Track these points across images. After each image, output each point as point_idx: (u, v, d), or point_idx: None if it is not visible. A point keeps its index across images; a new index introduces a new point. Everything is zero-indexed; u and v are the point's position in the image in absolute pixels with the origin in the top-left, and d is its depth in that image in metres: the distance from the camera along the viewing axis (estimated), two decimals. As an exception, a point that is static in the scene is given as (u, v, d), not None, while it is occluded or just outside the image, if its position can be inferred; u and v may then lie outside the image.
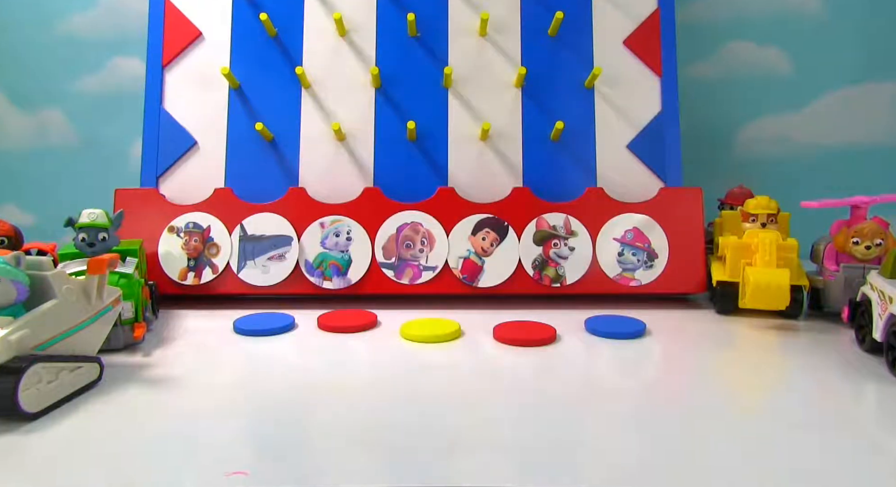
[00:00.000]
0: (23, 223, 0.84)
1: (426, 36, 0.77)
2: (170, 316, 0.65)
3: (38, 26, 0.94)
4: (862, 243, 0.61)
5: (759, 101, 0.97)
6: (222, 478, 0.33)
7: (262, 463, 0.34)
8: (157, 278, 0.68)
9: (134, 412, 0.42)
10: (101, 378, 0.46)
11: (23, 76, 0.96)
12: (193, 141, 0.75)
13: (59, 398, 0.42)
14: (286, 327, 0.60)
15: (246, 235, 0.70)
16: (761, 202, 0.66)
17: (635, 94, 0.77)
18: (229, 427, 0.39)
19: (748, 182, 0.80)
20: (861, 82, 0.95)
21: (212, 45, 0.77)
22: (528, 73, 0.75)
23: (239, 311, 0.64)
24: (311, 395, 0.44)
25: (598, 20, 0.78)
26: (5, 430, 0.38)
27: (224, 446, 0.36)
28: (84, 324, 0.45)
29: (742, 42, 0.96)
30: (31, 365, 0.39)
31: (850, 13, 0.94)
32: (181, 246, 0.70)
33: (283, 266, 0.69)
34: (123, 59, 0.95)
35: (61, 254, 0.58)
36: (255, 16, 0.75)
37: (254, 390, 0.45)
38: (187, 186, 0.74)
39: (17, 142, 0.97)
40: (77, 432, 0.38)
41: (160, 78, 0.76)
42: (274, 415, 0.41)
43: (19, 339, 0.40)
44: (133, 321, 0.54)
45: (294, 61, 0.76)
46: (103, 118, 0.96)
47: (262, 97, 0.76)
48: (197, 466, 0.34)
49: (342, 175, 0.74)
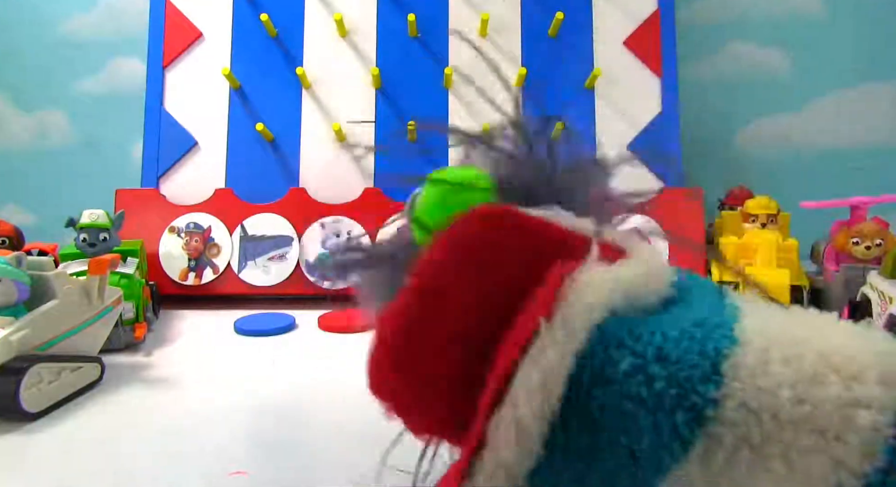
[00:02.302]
0: (24, 224, 0.84)
1: (426, 36, 0.77)
2: (170, 316, 0.65)
3: (39, 27, 0.94)
4: (862, 243, 0.61)
5: (760, 101, 0.97)
6: (222, 478, 0.33)
7: (261, 463, 0.34)
8: (157, 278, 0.68)
9: (134, 412, 0.42)
10: (101, 378, 0.46)
11: (23, 77, 0.96)
12: (194, 141, 0.75)
13: (60, 398, 0.42)
14: (286, 327, 0.60)
15: (246, 235, 0.70)
16: (761, 203, 0.66)
17: (635, 94, 0.77)
18: (229, 426, 0.39)
19: (748, 182, 0.80)
20: (861, 83, 0.95)
21: (212, 46, 0.77)
22: (529, 73, 0.75)
23: (239, 311, 0.64)
24: (312, 395, 0.44)
25: (598, 21, 0.78)
26: (7, 430, 0.38)
27: (224, 446, 0.36)
28: (85, 324, 0.45)
29: (742, 42, 0.96)
30: (33, 365, 0.39)
31: (850, 13, 0.94)
32: (182, 246, 0.70)
33: (284, 266, 0.69)
34: (124, 60, 0.95)
35: (62, 254, 0.58)
36: (256, 16, 0.75)
37: (254, 390, 0.45)
38: (188, 186, 0.74)
39: (18, 142, 0.97)
40: (78, 432, 0.39)
41: (161, 78, 0.77)
42: (274, 415, 0.41)
43: (21, 339, 0.40)
44: (134, 321, 0.54)
45: (294, 62, 0.76)
46: (104, 119, 0.96)
47: (262, 98, 0.76)
48: (197, 466, 0.34)
49: (342, 175, 0.74)
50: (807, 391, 0.17)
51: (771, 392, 0.17)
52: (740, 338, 0.18)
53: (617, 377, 0.18)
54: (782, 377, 0.17)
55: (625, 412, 0.18)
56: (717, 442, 0.17)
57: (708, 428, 0.17)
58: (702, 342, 0.18)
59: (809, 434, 0.17)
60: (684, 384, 0.18)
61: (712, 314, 0.19)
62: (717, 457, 0.17)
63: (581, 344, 0.18)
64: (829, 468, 0.17)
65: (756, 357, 0.18)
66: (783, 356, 0.18)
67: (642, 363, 0.18)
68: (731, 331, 0.19)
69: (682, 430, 0.17)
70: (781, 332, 0.19)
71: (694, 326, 0.19)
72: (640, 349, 0.18)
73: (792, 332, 0.19)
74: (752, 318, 0.19)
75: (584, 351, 0.18)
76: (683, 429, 0.17)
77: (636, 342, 0.18)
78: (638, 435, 0.18)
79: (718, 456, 0.17)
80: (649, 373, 0.18)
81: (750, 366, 0.18)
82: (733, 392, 0.17)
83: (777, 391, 0.17)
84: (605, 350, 0.18)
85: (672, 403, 0.17)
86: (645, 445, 0.18)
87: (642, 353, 0.18)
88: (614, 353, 0.18)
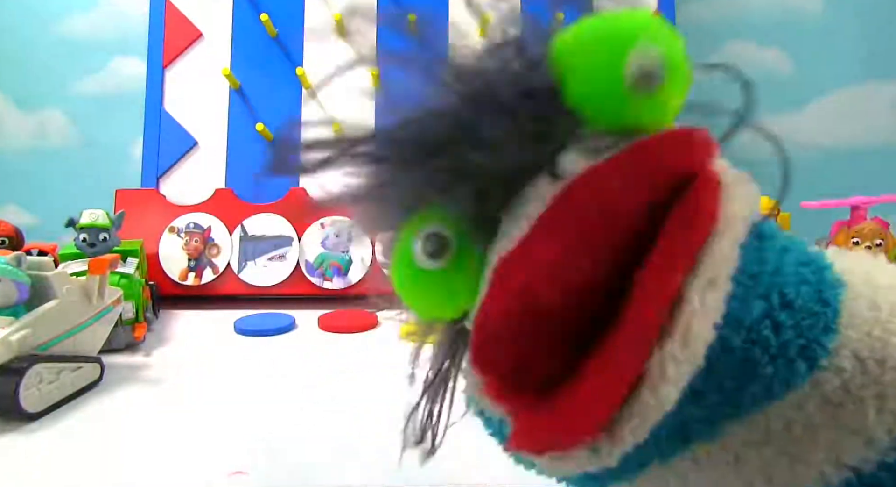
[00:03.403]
0: (23, 224, 0.84)
1: (426, 36, 0.77)
2: (170, 316, 0.65)
3: (39, 27, 0.94)
4: (862, 243, 0.61)
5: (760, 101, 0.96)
6: (222, 478, 0.33)
7: (261, 463, 0.34)
8: (157, 278, 0.68)
9: (134, 412, 0.42)
10: (101, 378, 0.46)
11: (23, 77, 0.96)
12: (194, 141, 0.75)
13: (60, 399, 0.42)
14: (286, 327, 0.60)
15: (246, 235, 0.70)
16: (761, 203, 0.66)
17: (635, 94, 0.77)
18: (229, 427, 0.39)
19: (748, 182, 0.80)
20: (861, 82, 0.95)
21: (212, 46, 0.77)
22: (529, 73, 0.74)
23: (239, 311, 0.64)
24: (312, 395, 0.44)
25: (598, 20, 0.78)
26: (7, 430, 0.38)
27: (224, 446, 0.36)
28: (85, 324, 0.45)
29: (742, 42, 0.96)
30: (33, 365, 0.39)
31: (850, 13, 0.94)
32: (182, 246, 0.70)
33: (284, 266, 0.69)
34: (124, 60, 0.95)
35: (62, 254, 0.58)
36: (256, 16, 0.76)
37: (254, 390, 0.46)
38: (188, 186, 0.74)
39: (18, 142, 0.97)
40: (78, 432, 0.39)
41: (161, 78, 0.77)
42: (274, 415, 0.41)
43: (20, 339, 0.40)
44: (134, 321, 0.54)
45: (294, 62, 0.76)
46: (104, 118, 0.96)
47: (262, 98, 0.76)
48: (197, 466, 0.34)
49: (342, 175, 0.74)
50: None
51: (882, 340, 0.18)
52: (848, 282, 0.19)
53: (748, 320, 0.17)
54: (892, 325, 0.18)
55: (749, 357, 0.17)
56: (817, 388, 0.18)
57: (816, 374, 0.18)
58: (817, 286, 0.18)
59: None
60: (807, 334, 0.18)
61: (807, 253, 0.19)
62: (811, 403, 0.18)
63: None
64: None
65: (865, 304, 0.18)
66: (890, 302, 0.18)
67: (769, 308, 0.18)
68: (837, 275, 0.19)
69: (797, 378, 0.18)
70: (874, 276, 0.19)
71: (802, 266, 0.19)
72: (763, 292, 0.18)
73: (884, 277, 0.19)
74: (839, 260, 0.19)
75: None
76: (798, 378, 0.18)
77: (756, 281, 0.18)
78: (753, 381, 0.18)
79: (812, 402, 0.18)
80: (777, 320, 0.18)
81: (862, 315, 0.18)
82: (848, 342, 0.18)
83: (889, 338, 0.18)
84: (735, 285, 0.17)
85: (795, 352, 0.18)
86: (755, 390, 0.18)
87: (768, 296, 0.18)
88: (742, 291, 0.17)
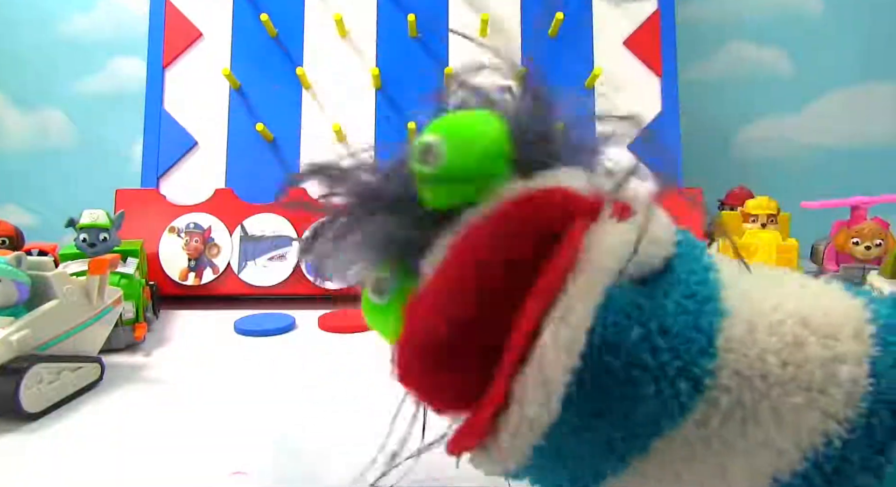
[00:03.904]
0: (23, 224, 0.84)
1: (426, 36, 0.77)
2: (170, 316, 0.65)
3: (39, 27, 0.94)
4: (862, 243, 0.61)
5: (760, 101, 0.97)
6: (222, 478, 0.33)
7: (261, 463, 0.34)
8: (157, 278, 0.68)
9: (134, 412, 0.42)
10: (101, 378, 0.46)
11: (23, 76, 0.96)
12: (194, 141, 0.75)
13: (60, 399, 0.42)
14: (286, 327, 0.60)
15: (246, 235, 0.70)
16: (761, 203, 0.67)
17: (635, 94, 0.77)
18: (229, 426, 0.39)
19: (748, 182, 0.81)
20: (861, 82, 0.95)
21: (212, 46, 0.77)
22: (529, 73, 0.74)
23: (239, 311, 0.64)
24: (312, 395, 0.44)
25: (598, 20, 0.78)
26: (6, 430, 0.38)
27: (224, 446, 0.36)
28: (85, 324, 0.45)
29: (742, 42, 0.96)
30: (33, 365, 0.39)
31: (850, 13, 0.95)
32: (182, 246, 0.70)
33: (284, 266, 0.69)
34: (123, 60, 0.95)
35: (62, 254, 0.58)
36: (256, 16, 0.76)
37: (254, 390, 0.46)
38: (188, 186, 0.74)
39: (18, 142, 0.97)
40: (78, 432, 0.39)
41: (161, 78, 0.77)
42: (274, 415, 0.41)
43: (20, 339, 0.40)
44: (134, 321, 0.54)
45: (294, 62, 0.76)
46: (103, 118, 0.96)
47: (262, 98, 0.76)
48: (197, 465, 0.34)
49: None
50: (791, 355, 0.19)
51: (760, 359, 0.19)
52: (728, 311, 0.20)
53: (626, 345, 0.19)
54: (767, 344, 0.20)
55: (631, 378, 0.19)
56: (713, 406, 0.19)
57: (705, 394, 0.19)
58: (696, 315, 0.20)
59: (796, 392, 0.19)
60: (684, 356, 0.19)
61: (700, 286, 0.21)
62: (713, 419, 0.19)
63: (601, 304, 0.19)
64: (816, 419, 0.19)
65: (743, 329, 0.20)
66: (767, 324, 0.20)
67: (647, 333, 0.19)
68: (718, 304, 0.20)
69: (683, 397, 0.19)
70: (762, 300, 0.21)
71: (685, 298, 0.20)
72: (644, 320, 0.20)
73: (770, 299, 0.21)
74: (733, 289, 0.21)
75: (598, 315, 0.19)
76: (684, 396, 0.19)
77: (640, 312, 0.20)
78: (641, 400, 0.19)
79: (714, 418, 0.19)
80: (654, 344, 0.19)
81: (739, 338, 0.20)
82: (727, 363, 0.19)
83: (765, 357, 0.19)
84: (615, 315, 0.19)
85: (674, 373, 0.19)
86: (646, 409, 0.19)
87: (646, 324, 0.19)
88: (623, 320, 0.19)
